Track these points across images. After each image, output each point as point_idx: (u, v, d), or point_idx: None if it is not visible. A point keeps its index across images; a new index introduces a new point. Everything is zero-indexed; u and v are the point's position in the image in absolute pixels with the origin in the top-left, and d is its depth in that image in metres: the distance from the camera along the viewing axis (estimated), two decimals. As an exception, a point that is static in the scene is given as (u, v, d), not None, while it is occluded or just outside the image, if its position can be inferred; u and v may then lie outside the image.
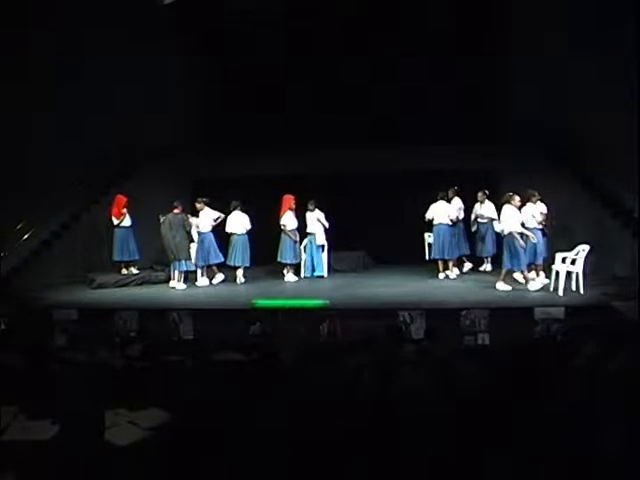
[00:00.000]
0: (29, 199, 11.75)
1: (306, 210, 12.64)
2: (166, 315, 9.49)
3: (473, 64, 14.29)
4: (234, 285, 11.98)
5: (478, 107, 14.08)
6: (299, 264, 12.66)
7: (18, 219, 12.21)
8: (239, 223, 12.07)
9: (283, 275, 12.44)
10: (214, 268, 11.96)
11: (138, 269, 12.73)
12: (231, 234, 12.08)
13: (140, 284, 12.19)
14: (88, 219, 13.74)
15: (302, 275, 12.60)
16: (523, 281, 10.30)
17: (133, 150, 14.41)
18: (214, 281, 11.92)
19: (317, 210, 12.64)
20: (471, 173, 13.25)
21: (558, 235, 11.52)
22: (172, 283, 11.81)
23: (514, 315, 8.82)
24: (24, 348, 5.00)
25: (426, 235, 12.73)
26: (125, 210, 12.56)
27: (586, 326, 6.62)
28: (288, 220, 12.26)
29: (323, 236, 12.63)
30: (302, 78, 14.53)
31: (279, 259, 12.37)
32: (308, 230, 12.63)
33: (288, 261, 12.35)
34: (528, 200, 10.56)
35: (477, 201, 12.44)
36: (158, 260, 12.80)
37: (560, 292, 9.87)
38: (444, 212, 11.84)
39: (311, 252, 12.69)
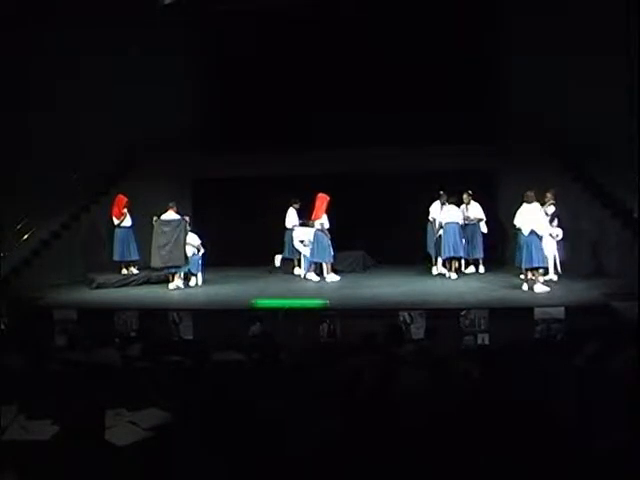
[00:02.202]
0: (29, 199, 11.74)
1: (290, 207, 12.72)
2: (167, 315, 9.50)
3: (473, 64, 14.27)
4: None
5: (478, 106, 14.04)
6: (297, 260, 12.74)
7: (18, 219, 12.21)
8: (290, 219, 12.74)
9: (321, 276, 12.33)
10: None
11: (138, 269, 12.71)
12: (286, 229, 12.74)
13: (140, 284, 12.15)
14: (88, 219, 13.73)
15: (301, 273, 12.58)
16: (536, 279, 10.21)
17: (133, 150, 14.40)
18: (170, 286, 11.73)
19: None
20: (471, 173, 13.23)
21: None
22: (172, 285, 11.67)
23: (514, 315, 8.83)
24: (24, 348, 5.01)
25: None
26: (126, 210, 12.57)
27: (586, 326, 6.62)
28: (324, 219, 12.25)
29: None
30: (302, 77, 14.50)
31: (315, 259, 12.32)
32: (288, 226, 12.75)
33: (326, 261, 12.29)
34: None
35: (462, 203, 12.22)
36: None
37: None
38: (459, 214, 11.83)
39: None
